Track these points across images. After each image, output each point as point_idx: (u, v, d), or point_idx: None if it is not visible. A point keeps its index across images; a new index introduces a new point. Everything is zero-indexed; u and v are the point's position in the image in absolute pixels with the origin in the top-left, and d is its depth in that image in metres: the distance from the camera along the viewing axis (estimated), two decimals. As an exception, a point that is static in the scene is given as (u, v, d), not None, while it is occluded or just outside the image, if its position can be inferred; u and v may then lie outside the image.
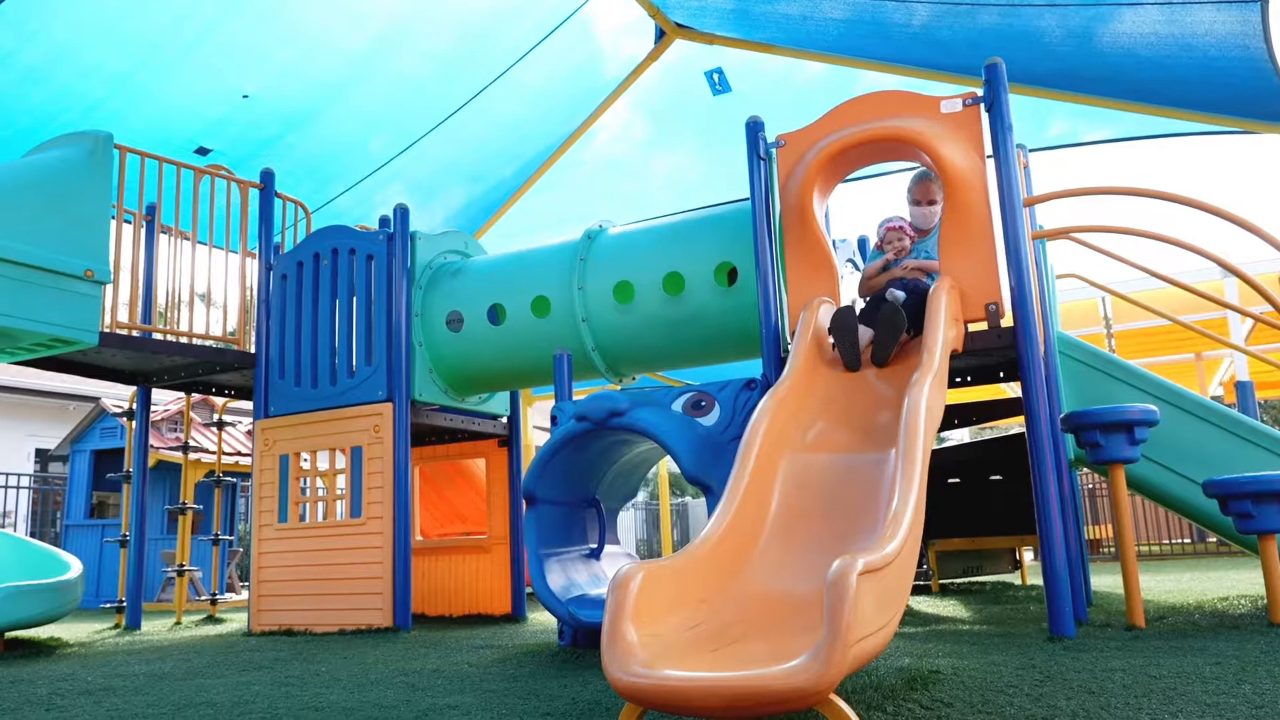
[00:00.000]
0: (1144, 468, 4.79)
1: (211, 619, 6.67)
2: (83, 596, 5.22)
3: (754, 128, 4.46)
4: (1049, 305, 5.04)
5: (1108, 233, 4.94)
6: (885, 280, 4.10)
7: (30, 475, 13.89)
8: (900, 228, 4.17)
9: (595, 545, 4.55)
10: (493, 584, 6.17)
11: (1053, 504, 3.67)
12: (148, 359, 5.81)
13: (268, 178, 6.20)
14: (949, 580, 7.11)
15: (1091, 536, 12.92)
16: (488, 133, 8.06)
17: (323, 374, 5.70)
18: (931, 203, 4.23)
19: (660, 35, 7.54)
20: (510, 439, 6.30)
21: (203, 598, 7.97)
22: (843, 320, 3.71)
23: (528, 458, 6.57)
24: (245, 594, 9.36)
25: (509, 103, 7.73)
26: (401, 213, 5.67)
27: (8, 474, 12.38)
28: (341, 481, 5.50)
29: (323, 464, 5.84)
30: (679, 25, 7.36)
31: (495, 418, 6.31)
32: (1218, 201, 4.49)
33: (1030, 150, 5.43)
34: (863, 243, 5.32)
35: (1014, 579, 7.59)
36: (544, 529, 4.21)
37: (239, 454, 9.46)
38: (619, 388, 5.50)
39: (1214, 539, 11.50)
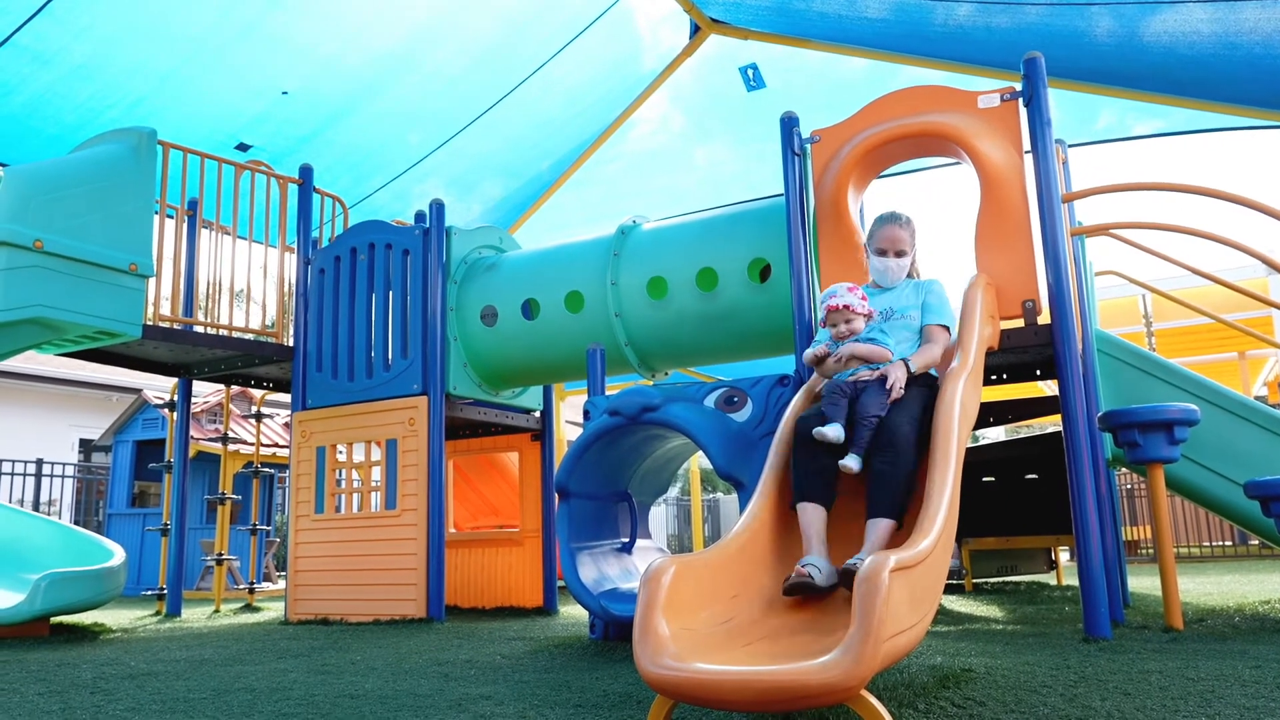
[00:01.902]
0: (1183, 468, 4.72)
1: (249, 607, 6.78)
2: (125, 584, 5.33)
3: (788, 123, 4.44)
4: (1087, 302, 4.98)
5: (1148, 229, 4.87)
6: (822, 382, 3.20)
7: (74, 464, 14.20)
8: (845, 307, 3.14)
9: (627, 539, 4.56)
10: (525, 577, 6.21)
11: (1089, 504, 3.63)
12: (188, 351, 5.92)
13: (306, 173, 6.28)
14: (983, 580, 7.05)
15: (1130, 537, 12.74)
16: (524, 127, 8.09)
17: (359, 367, 5.77)
18: (900, 254, 3.39)
19: (695, 30, 7.52)
20: (543, 433, 6.33)
21: (241, 586, 8.11)
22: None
23: (560, 452, 6.61)
24: (282, 583, 9.50)
25: (546, 97, 7.75)
26: (437, 208, 5.72)
27: (53, 463, 12.65)
28: (377, 473, 5.56)
29: (359, 456, 5.92)
30: (714, 20, 7.34)
31: (528, 412, 6.35)
32: (1264, 197, 4.40)
33: (1077, 144, 5.34)
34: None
35: (1049, 579, 7.50)
36: (576, 523, 4.23)
37: (277, 446, 9.60)
38: (651, 383, 5.51)
39: (1256, 541, 11.29)
